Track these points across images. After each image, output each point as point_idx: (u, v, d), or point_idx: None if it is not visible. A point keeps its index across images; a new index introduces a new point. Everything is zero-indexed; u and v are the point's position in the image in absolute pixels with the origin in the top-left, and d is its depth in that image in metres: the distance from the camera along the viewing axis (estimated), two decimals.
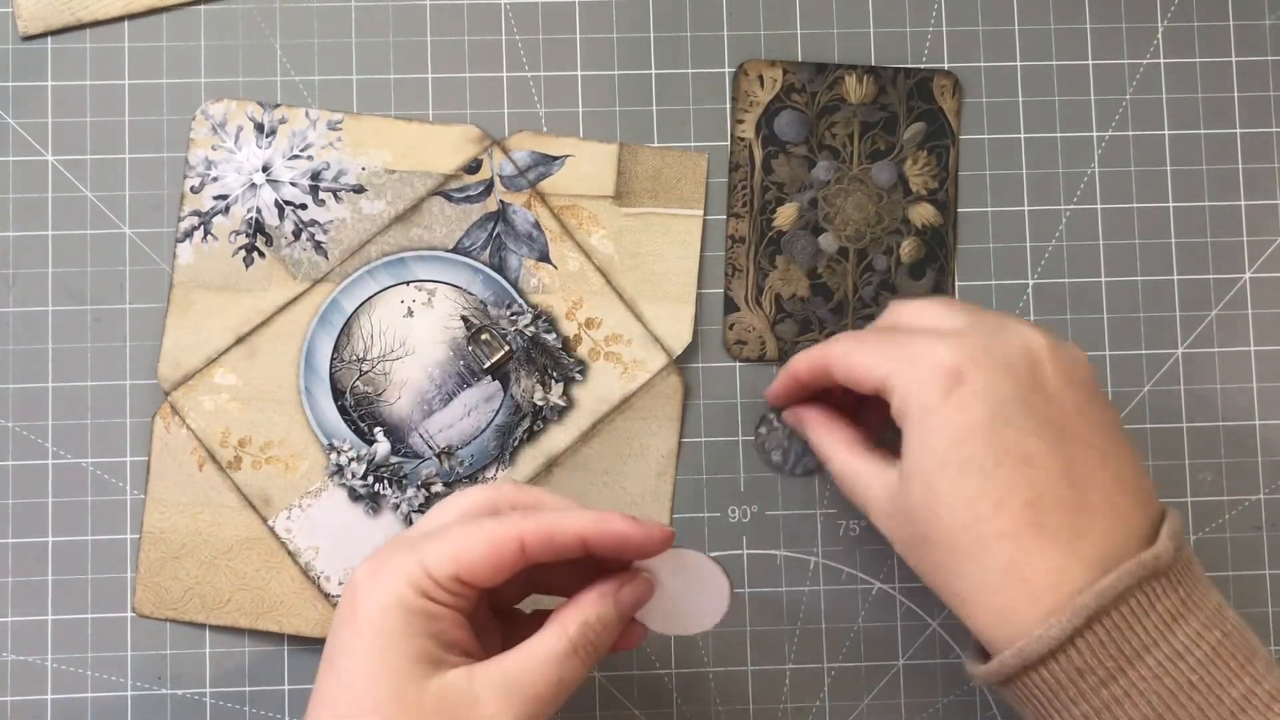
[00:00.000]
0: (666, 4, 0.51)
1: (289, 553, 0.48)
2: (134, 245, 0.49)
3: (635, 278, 0.50)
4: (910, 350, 0.39)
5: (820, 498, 0.50)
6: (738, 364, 0.50)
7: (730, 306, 0.50)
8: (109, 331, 0.49)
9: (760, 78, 0.50)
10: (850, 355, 0.41)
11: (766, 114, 0.50)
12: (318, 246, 0.49)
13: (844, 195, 0.50)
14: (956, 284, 0.50)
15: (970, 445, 0.37)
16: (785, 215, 0.50)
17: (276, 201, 0.49)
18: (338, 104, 0.50)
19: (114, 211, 0.49)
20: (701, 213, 0.50)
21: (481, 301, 0.49)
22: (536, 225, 0.50)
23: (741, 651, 0.49)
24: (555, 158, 0.50)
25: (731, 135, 0.50)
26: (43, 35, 0.50)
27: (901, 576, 0.50)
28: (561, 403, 0.49)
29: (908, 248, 0.50)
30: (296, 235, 0.49)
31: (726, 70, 0.51)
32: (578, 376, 0.49)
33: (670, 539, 0.38)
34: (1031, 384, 0.38)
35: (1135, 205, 0.51)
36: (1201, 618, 0.37)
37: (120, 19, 0.50)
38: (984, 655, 0.40)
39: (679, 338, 0.50)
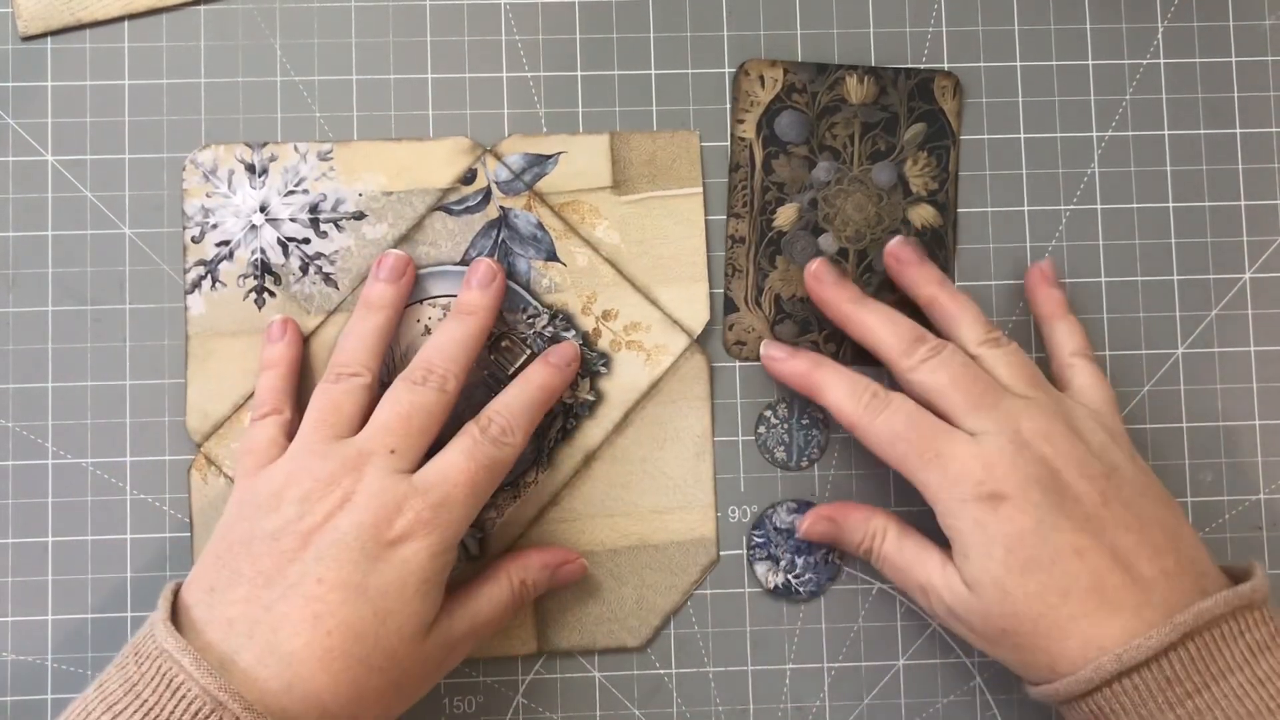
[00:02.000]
0: (666, 4, 0.51)
1: None
2: (134, 245, 0.49)
3: (645, 264, 0.50)
4: (950, 466, 0.43)
5: (820, 497, 0.50)
6: (738, 364, 0.50)
7: (730, 307, 0.50)
8: (109, 331, 0.49)
9: (761, 78, 0.50)
10: (880, 426, 0.44)
11: (767, 114, 0.50)
12: (326, 278, 0.49)
13: (844, 196, 0.50)
14: (956, 284, 0.50)
15: (1027, 548, 0.42)
16: (785, 216, 0.50)
17: (279, 239, 0.49)
18: (337, 104, 0.50)
19: (114, 211, 0.49)
20: (700, 190, 0.50)
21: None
22: (539, 226, 0.50)
23: (741, 651, 0.49)
24: (548, 156, 0.50)
25: (732, 135, 0.50)
26: (43, 35, 0.50)
27: None
28: (590, 397, 0.49)
29: None
30: (304, 270, 0.49)
31: (726, 70, 0.51)
32: (602, 369, 0.49)
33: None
34: (1058, 492, 0.42)
35: (1135, 205, 0.51)
36: None
37: (120, 19, 0.50)
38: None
39: (697, 316, 0.50)
